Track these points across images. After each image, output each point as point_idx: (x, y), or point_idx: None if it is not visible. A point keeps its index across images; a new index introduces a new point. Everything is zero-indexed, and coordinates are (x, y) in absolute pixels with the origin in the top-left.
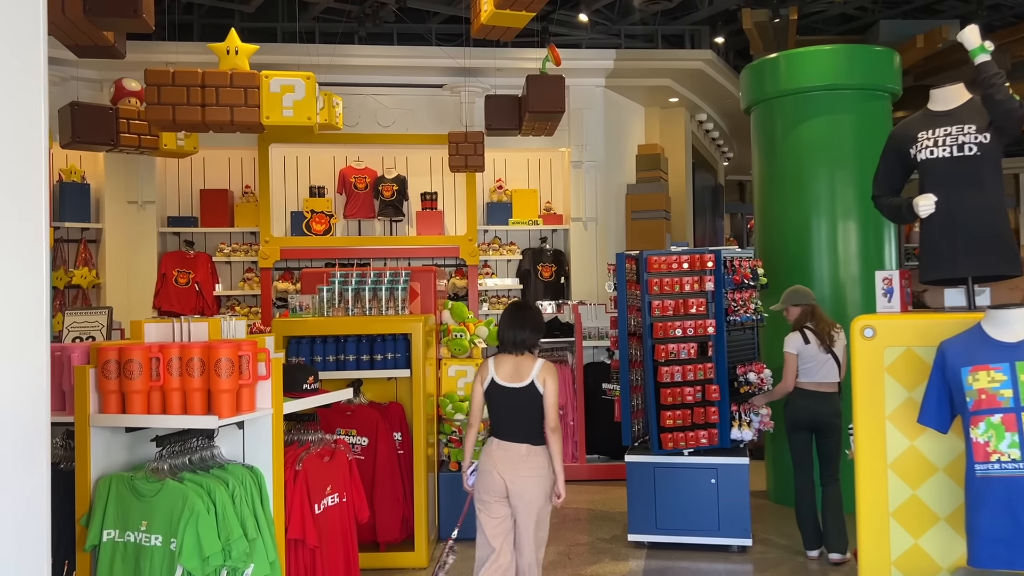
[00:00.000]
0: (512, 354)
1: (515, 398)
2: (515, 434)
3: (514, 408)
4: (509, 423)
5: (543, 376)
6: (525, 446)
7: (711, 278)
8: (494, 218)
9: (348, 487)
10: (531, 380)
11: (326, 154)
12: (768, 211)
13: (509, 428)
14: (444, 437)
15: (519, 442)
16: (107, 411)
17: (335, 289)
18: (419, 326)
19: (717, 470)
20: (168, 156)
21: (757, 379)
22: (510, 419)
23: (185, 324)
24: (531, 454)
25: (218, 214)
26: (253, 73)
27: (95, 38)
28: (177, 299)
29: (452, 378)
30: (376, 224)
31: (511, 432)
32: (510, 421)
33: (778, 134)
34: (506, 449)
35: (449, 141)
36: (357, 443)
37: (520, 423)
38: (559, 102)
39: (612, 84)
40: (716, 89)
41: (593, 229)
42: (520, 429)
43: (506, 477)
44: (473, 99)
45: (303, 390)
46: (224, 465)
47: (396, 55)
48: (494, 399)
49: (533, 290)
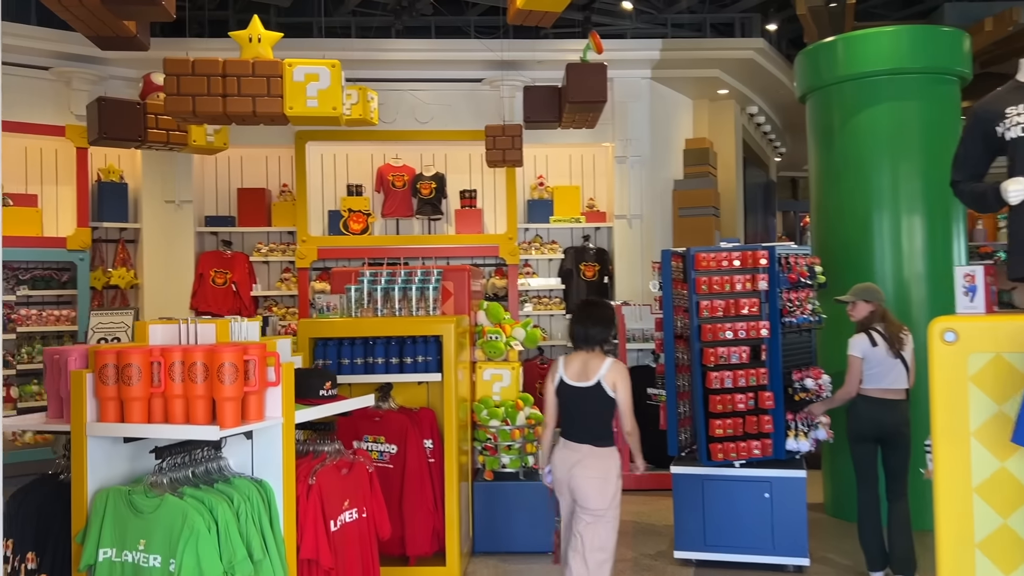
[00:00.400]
0: (583, 351)
1: (581, 397)
2: (580, 434)
3: (580, 408)
4: (575, 423)
5: (612, 378)
6: (587, 447)
7: (764, 276)
8: (535, 216)
9: (368, 501)
10: (597, 380)
11: (364, 152)
12: (826, 205)
13: (574, 428)
14: (479, 444)
15: (582, 443)
16: (105, 419)
17: (364, 289)
18: (451, 328)
19: (771, 483)
20: (198, 152)
21: (814, 385)
22: (576, 419)
23: (191, 325)
24: (593, 455)
25: (255, 213)
26: (276, 62)
27: (116, 28)
28: (214, 299)
29: (487, 382)
30: (414, 223)
31: (576, 432)
32: (576, 421)
33: (836, 123)
34: (570, 449)
35: (486, 135)
36: (385, 450)
37: (585, 423)
38: (601, 91)
39: (658, 75)
40: (768, 80)
41: (638, 227)
42: (584, 429)
43: (568, 477)
44: (513, 93)
45: (319, 397)
46: (230, 479)
47: (434, 48)
48: (562, 398)
49: (575, 290)
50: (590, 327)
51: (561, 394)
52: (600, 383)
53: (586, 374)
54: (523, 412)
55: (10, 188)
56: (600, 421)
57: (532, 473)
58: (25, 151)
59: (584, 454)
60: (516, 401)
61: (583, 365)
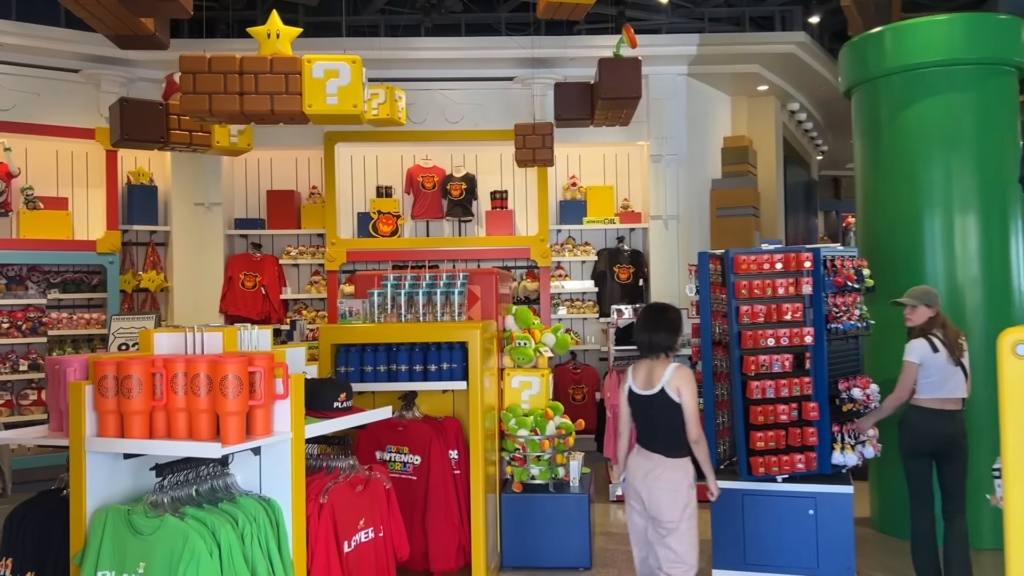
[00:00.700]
0: (648, 358)
1: (648, 406)
2: (650, 443)
3: (648, 416)
4: (645, 431)
5: (675, 383)
6: (659, 456)
7: (809, 280)
8: (567, 217)
9: (385, 520)
10: (661, 387)
11: (393, 153)
12: (873, 205)
13: (645, 436)
14: (507, 455)
15: (653, 452)
16: (104, 434)
17: (387, 293)
18: (477, 334)
19: (816, 499)
20: (221, 153)
21: (862, 396)
22: (645, 427)
23: (197, 334)
24: (664, 466)
25: (285, 216)
26: (295, 58)
27: (134, 26)
28: (244, 303)
29: (516, 390)
30: (444, 225)
31: (647, 441)
32: (645, 429)
33: (884, 118)
34: (644, 456)
35: (516, 134)
36: (409, 461)
37: (656, 432)
38: (635, 87)
39: (695, 72)
40: (809, 75)
41: (674, 228)
42: (654, 438)
43: (640, 487)
44: (544, 91)
45: (333, 409)
46: (236, 498)
47: (464, 47)
48: (633, 407)
49: (609, 293)
50: (654, 333)
51: (632, 403)
52: (664, 390)
53: (651, 381)
54: (553, 421)
55: (41, 191)
56: (670, 430)
57: (563, 485)
58: (56, 154)
59: (656, 463)
60: (546, 410)
61: (648, 372)
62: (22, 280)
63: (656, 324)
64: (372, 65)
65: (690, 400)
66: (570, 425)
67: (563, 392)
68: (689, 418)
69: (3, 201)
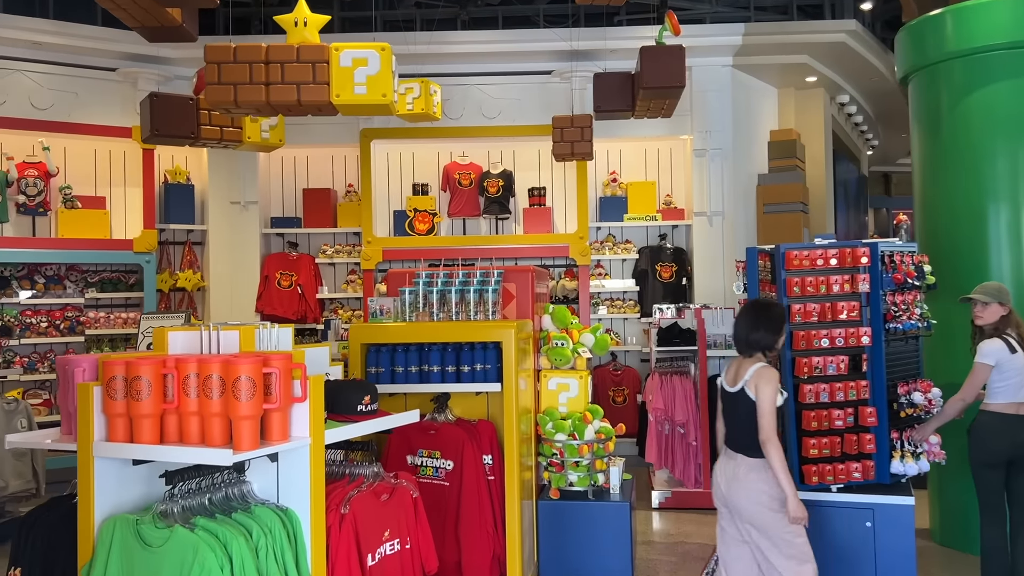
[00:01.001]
0: (744, 355)
1: (729, 404)
2: (733, 442)
3: (730, 414)
4: (729, 430)
5: (755, 381)
6: (740, 456)
7: (866, 277)
8: (608, 214)
9: (412, 531)
10: (741, 386)
11: (430, 150)
12: (932, 198)
13: (730, 435)
14: (543, 460)
15: (736, 451)
16: (113, 438)
17: (418, 291)
18: (511, 333)
19: (874, 511)
20: (253, 149)
21: (923, 400)
22: (729, 426)
23: (213, 332)
24: (746, 466)
25: (321, 214)
26: (322, 46)
27: (160, 17)
28: (280, 302)
29: (552, 392)
30: (481, 222)
31: (731, 440)
32: (730, 428)
33: (944, 106)
34: (729, 456)
35: (553, 127)
36: (441, 466)
37: (738, 431)
38: (678, 75)
39: (740, 63)
40: (860, 65)
41: (719, 224)
42: (735, 438)
43: (724, 488)
44: (584, 85)
45: (357, 412)
46: (251, 507)
47: (501, 40)
48: (721, 404)
49: (650, 292)
50: (752, 331)
51: (721, 400)
52: (744, 389)
53: (736, 379)
54: (592, 425)
55: (79, 191)
56: (750, 429)
57: (602, 492)
58: (94, 153)
59: (739, 463)
60: (584, 413)
61: (736, 369)
62: (60, 279)
63: (756, 321)
64: (407, 60)
65: (766, 397)
66: (610, 430)
67: (603, 394)
68: (761, 414)
69: (42, 200)
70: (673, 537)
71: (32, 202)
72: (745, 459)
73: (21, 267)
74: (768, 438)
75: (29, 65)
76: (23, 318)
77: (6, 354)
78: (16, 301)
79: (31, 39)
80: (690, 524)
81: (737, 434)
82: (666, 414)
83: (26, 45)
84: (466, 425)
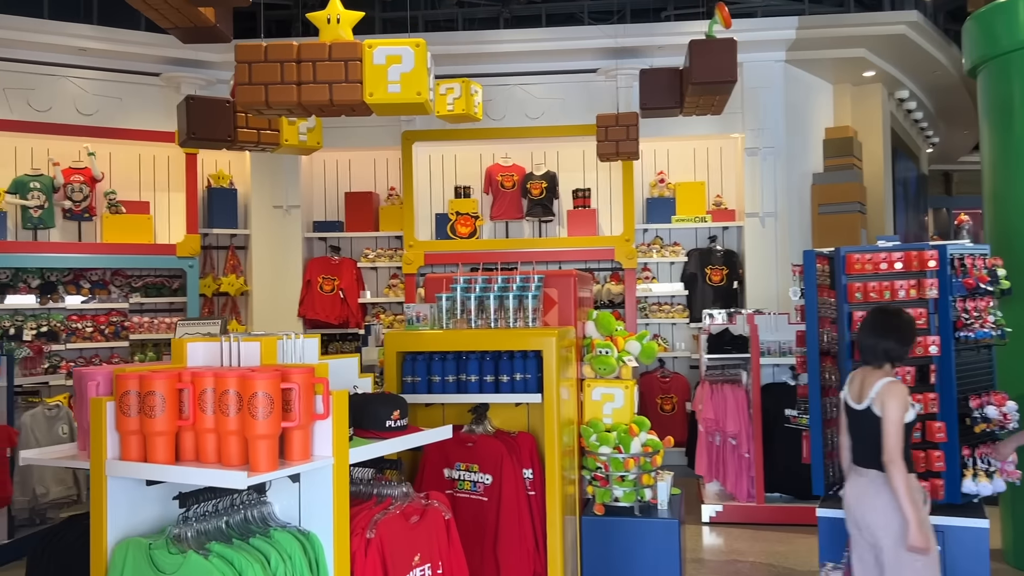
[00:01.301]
0: (870, 366)
1: (855, 420)
2: (862, 459)
3: (856, 432)
4: (856, 447)
5: (881, 398)
6: (874, 471)
7: (934, 281)
8: (655, 215)
9: (445, 554)
10: (867, 404)
11: (472, 152)
12: (1004, 196)
13: (857, 452)
14: (587, 473)
15: (869, 467)
16: (127, 457)
17: (456, 297)
18: (552, 341)
19: (944, 533)
20: (291, 152)
21: (997, 414)
22: (856, 442)
23: (234, 343)
24: (877, 481)
25: (363, 218)
26: (355, 43)
27: (193, 17)
28: (322, 307)
29: (597, 402)
30: (524, 225)
31: (858, 456)
32: (857, 445)
33: (1017, 98)
34: (858, 473)
35: (597, 125)
36: (479, 481)
37: (864, 448)
38: (730, 70)
39: (794, 58)
40: (921, 59)
41: (772, 226)
42: (864, 454)
43: (854, 507)
44: (630, 83)
45: (386, 428)
46: (270, 531)
47: (544, 38)
48: (846, 419)
49: (700, 296)
50: (882, 339)
51: (846, 415)
52: (870, 407)
53: (861, 393)
54: (638, 438)
55: (123, 195)
56: (879, 447)
57: (650, 508)
58: (138, 158)
59: (870, 479)
60: (630, 425)
61: (861, 383)
62: (105, 284)
63: (887, 328)
64: (449, 61)
65: (893, 416)
66: (657, 443)
67: (651, 402)
68: (887, 434)
69: (87, 206)
70: (725, 555)
71: (78, 207)
72: (878, 473)
73: (67, 272)
74: (892, 459)
75: (74, 71)
76: (69, 323)
77: (52, 359)
78: (62, 306)
79: (76, 45)
80: (743, 541)
81: (867, 450)
82: (717, 425)
83: (71, 51)
84: (505, 437)
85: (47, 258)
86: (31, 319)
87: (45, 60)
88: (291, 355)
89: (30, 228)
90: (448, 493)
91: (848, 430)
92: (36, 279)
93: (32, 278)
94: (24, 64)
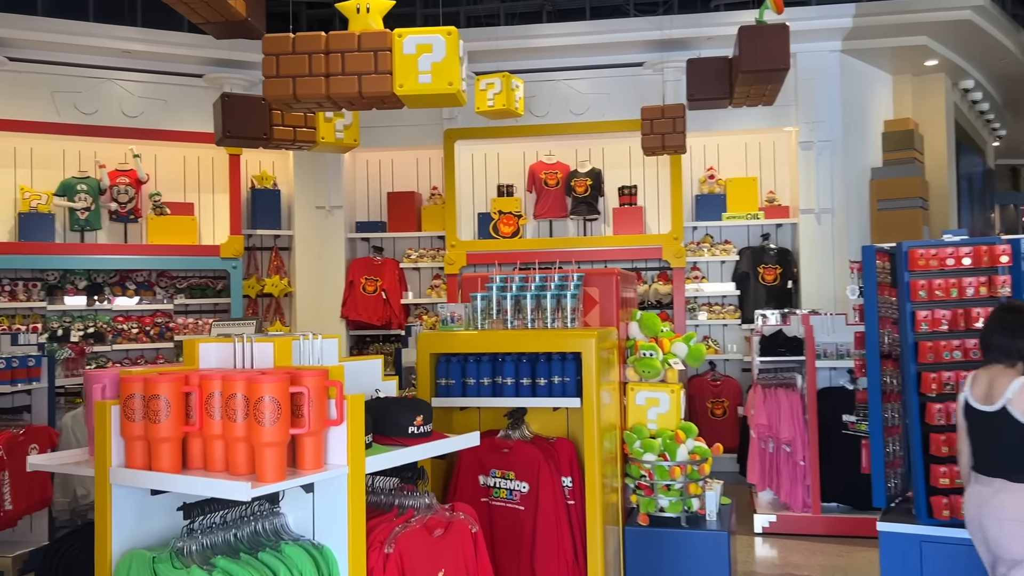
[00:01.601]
0: (1000, 364)
1: (986, 424)
2: (987, 466)
3: (985, 436)
4: (982, 453)
5: (1021, 402)
6: (1000, 481)
7: (1006, 279)
8: (705, 213)
9: (472, 570)
10: (1002, 405)
11: (515, 149)
12: None
13: (982, 459)
14: (631, 482)
15: (994, 476)
16: (132, 464)
17: (491, 297)
18: (592, 343)
19: None
20: (327, 150)
21: None
22: (982, 448)
23: (247, 344)
24: (1006, 491)
25: (406, 218)
26: (384, 33)
27: (224, 11)
28: (364, 308)
29: (640, 407)
30: (568, 224)
31: (983, 464)
32: (982, 451)
33: None
34: (982, 484)
35: (642, 118)
36: (515, 489)
37: (992, 453)
38: (782, 57)
39: (850, 47)
40: (988, 46)
41: (828, 222)
42: (992, 460)
43: (980, 519)
44: (677, 76)
45: (408, 435)
46: (281, 545)
47: (589, 31)
48: (969, 422)
49: (752, 296)
50: (1017, 337)
51: (968, 418)
52: (1006, 408)
53: (991, 395)
54: (685, 445)
55: (168, 197)
56: (1015, 451)
57: (697, 519)
58: (183, 159)
59: (996, 489)
60: (676, 431)
61: (990, 384)
62: (150, 286)
63: (1018, 327)
64: (491, 56)
65: None
66: (706, 450)
67: (701, 406)
68: None
69: (133, 208)
70: (779, 568)
71: (123, 209)
72: (1005, 483)
73: (114, 274)
74: None
75: (119, 74)
76: (115, 324)
77: (98, 360)
78: (108, 307)
79: (121, 48)
80: (798, 553)
81: (998, 457)
82: (770, 431)
83: (116, 54)
84: (543, 444)
85: (94, 260)
86: (79, 320)
87: (91, 63)
88: (308, 356)
89: (77, 230)
90: (483, 501)
91: (970, 434)
92: (83, 280)
93: (79, 279)
94: (71, 67)
